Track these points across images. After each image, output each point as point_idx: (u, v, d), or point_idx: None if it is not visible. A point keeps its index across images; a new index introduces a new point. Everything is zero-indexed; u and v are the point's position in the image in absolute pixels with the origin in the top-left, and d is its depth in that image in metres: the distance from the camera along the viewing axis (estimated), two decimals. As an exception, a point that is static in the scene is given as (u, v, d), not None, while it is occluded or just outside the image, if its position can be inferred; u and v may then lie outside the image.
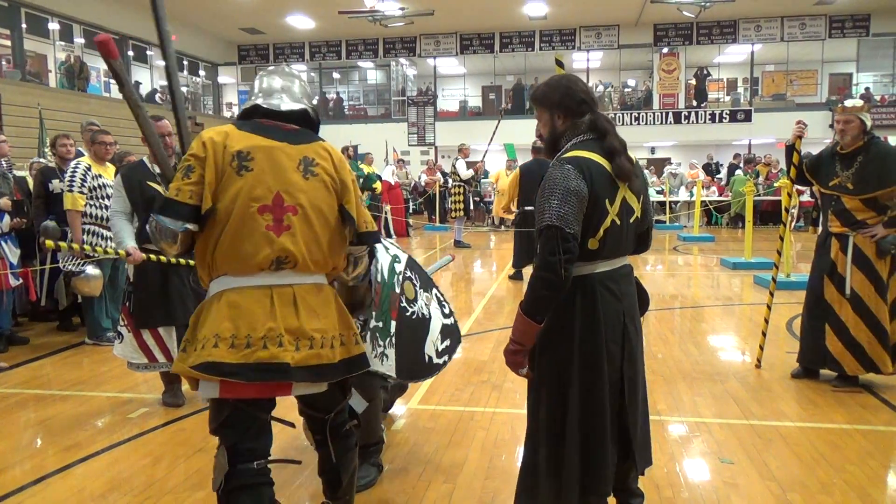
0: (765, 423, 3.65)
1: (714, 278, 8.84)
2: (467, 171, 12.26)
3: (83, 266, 5.06)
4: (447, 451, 3.34)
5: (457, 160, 12.55)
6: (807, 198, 12.87)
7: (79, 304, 5.98)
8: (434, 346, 3.01)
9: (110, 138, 5.56)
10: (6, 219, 5.28)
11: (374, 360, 2.69)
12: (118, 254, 3.92)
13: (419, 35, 20.88)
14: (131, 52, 17.86)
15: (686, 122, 20.09)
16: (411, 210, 16.90)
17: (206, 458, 3.17)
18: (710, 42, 20.06)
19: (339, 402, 2.31)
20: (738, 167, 16.89)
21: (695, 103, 20.64)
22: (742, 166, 16.69)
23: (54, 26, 16.57)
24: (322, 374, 2.09)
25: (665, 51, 20.27)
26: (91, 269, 5.01)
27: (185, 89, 21.63)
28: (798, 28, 19.37)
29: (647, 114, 20.32)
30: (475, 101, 24.14)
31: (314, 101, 2.32)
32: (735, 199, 14.50)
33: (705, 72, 21.25)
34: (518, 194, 8.26)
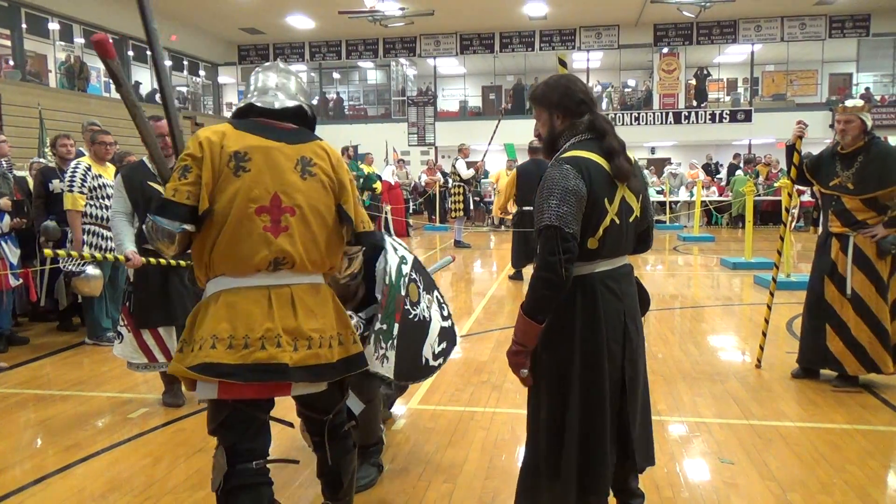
0: (765, 423, 3.65)
1: (714, 278, 8.83)
2: (468, 170, 12.27)
3: (83, 266, 5.06)
4: (447, 451, 3.34)
5: (457, 160, 12.56)
6: (807, 198, 12.87)
7: (79, 304, 5.98)
8: (431, 349, 3.00)
9: (110, 138, 5.56)
10: (6, 219, 5.28)
11: (375, 362, 2.68)
12: (117, 259, 3.93)
13: (419, 35, 20.88)
14: (131, 52, 17.85)
15: (686, 122, 20.10)
16: (411, 210, 16.90)
17: (206, 458, 3.16)
18: (710, 42, 20.07)
19: (338, 402, 2.31)
20: (738, 167, 16.90)
21: (695, 103, 20.64)
22: (742, 166, 16.70)
23: (54, 26, 16.59)
24: (321, 373, 2.09)
25: (665, 51, 20.28)
26: (91, 270, 5.01)
27: (185, 89, 21.70)
28: (798, 28, 19.37)
29: (647, 114, 20.33)
30: (475, 101, 24.15)
31: (313, 99, 2.31)
32: (736, 199, 14.49)
33: (705, 72, 21.26)
34: (515, 194, 8.27)
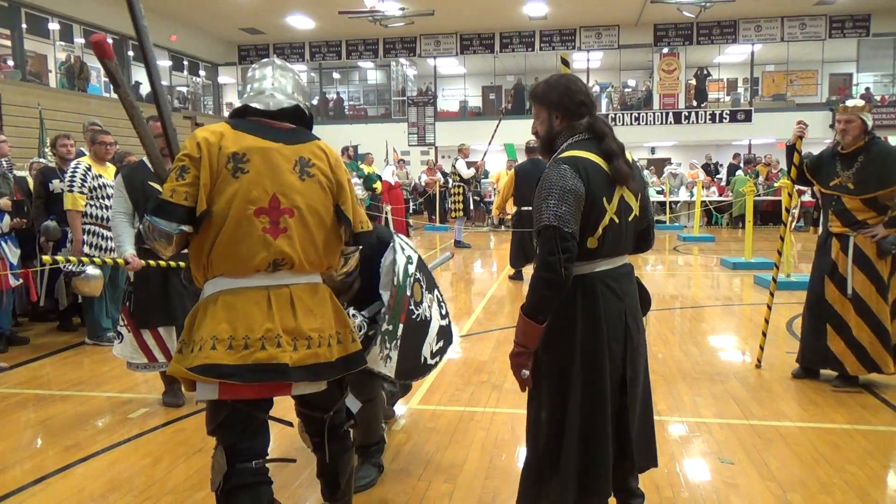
0: (765, 423, 3.65)
1: (714, 278, 8.83)
2: (469, 170, 12.27)
3: (83, 266, 5.06)
4: (447, 451, 3.34)
5: (457, 160, 12.56)
6: (808, 198, 12.87)
7: (79, 304, 5.98)
8: (430, 348, 3.01)
9: (110, 138, 5.56)
10: (6, 219, 5.28)
11: (378, 361, 2.68)
12: (117, 262, 3.92)
13: (419, 35, 20.88)
14: (131, 53, 17.83)
15: (686, 122, 20.09)
16: (411, 210, 16.90)
17: (206, 458, 3.16)
18: (710, 42, 20.07)
19: (337, 401, 2.31)
20: (738, 167, 16.89)
21: (695, 103, 20.64)
22: (742, 166, 16.70)
23: (54, 26, 16.59)
24: (320, 373, 2.10)
25: (665, 51, 20.28)
26: (91, 270, 5.01)
27: (185, 89, 21.69)
28: (798, 28, 19.37)
29: (647, 114, 20.32)
30: (475, 101, 24.15)
31: (313, 99, 2.30)
32: (736, 199, 14.49)
33: (705, 72, 21.25)
34: (514, 194, 8.27)
